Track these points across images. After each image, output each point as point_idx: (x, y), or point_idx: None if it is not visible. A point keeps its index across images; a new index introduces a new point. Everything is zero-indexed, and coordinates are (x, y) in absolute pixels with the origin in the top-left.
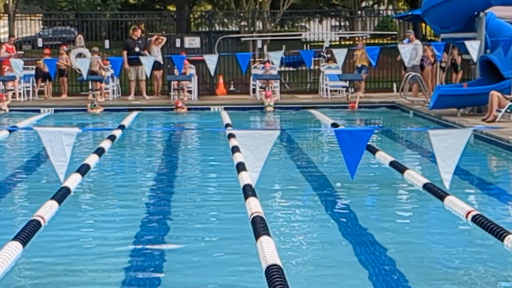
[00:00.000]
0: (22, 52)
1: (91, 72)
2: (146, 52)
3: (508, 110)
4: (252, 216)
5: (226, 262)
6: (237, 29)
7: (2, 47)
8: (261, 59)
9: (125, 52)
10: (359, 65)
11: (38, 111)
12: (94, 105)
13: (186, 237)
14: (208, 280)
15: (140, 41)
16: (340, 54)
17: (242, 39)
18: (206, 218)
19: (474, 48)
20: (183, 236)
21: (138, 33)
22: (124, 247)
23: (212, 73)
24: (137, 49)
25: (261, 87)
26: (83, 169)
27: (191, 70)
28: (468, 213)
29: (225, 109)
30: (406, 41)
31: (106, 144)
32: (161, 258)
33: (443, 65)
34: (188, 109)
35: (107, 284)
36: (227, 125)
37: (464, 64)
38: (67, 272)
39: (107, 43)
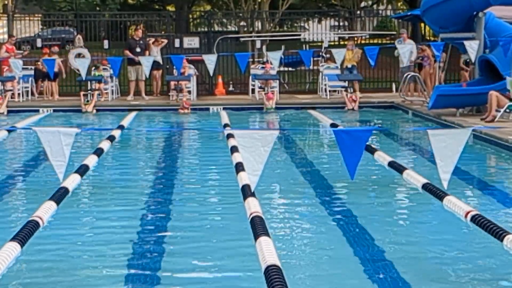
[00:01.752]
0: (26, 52)
1: (42, 73)
2: (147, 53)
3: (507, 110)
4: (251, 216)
5: (225, 262)
6: (236, 29)
7: (2, 47)
8: (260, 59)
9: (127, 51)
10: (349, 66)
11: (37, 111)
12: (88, 101)
13: (185, 237)
14: (207, 281)
15: (141, 41)
16: (339, 54)
17: (241, 39)
18: (205, 218)
19: (473, 48)
20: (182, 236)
21: (140, 33)
22: (123, 247)
23: (211, 73)
24: (138, 49)
25: (260, 87)
26: (82, 170)
27: (190, 70)
28: (467, 213)
29: (224, 109)
30: (399, 41)
31: (105, 145)
32: (159, 258)
33: (441, 64)
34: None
35: (106, 284)
36: (225, 125)
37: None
38: (65, 272)
39: (106, 43)
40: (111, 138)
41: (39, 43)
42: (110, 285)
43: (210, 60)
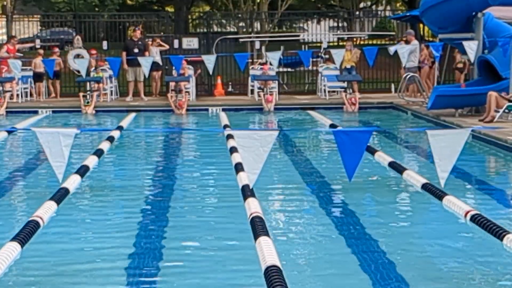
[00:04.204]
0: (29, 44)
1: (35, 74)
2: (146, 54)
3: (506, 111)
4: (251, 217)
5: (225, 263)
6: (235, 30)
7: (3, 47)
8: (259, 60)
9: (124, 53)
10: (348, 66)
11: (36, 112)
12: (88, 102)
13: (185, 238)
14: (207, 281)
15: (140, 42)
16: (338, 55)
17: (240, 40)
18: (205, 218)
19: (472, 48)
20: (181, 237)
21: (138, 34)
22: (123, 248)
23: (211, 73)
24: (136, 50)
25: (259, 88)
26: (82, 170)
27: (190, 71)
28: (467, 212)
29: (223, 110)
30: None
31: (104, 145)
32: (159, 259)
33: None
34: (186, 110)
35: (106, 284)
36: (225, 126)
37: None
38: (65, 272)
39: (105, 44)
40: (111, 139)
41: (38, 44)
42: (110, 284)
43: (209, 61)
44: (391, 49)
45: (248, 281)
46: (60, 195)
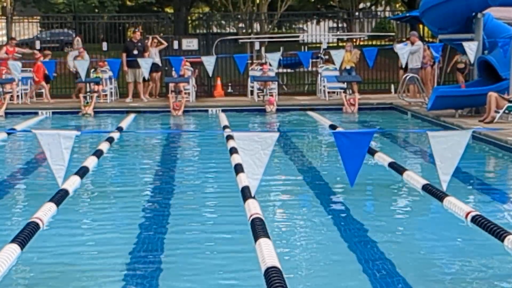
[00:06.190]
0: (27, 50)
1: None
2: (146, 55)
3: (506, 111)
4: (251, 218)
5: (225, 264)
6: (235, 31)
7: (3, 48)
8: (259, 61)
9: (123, 55)
10: (348, 67)
11: (36, 113)
12: (87, 103)
13: (185, 239)
14: (207, 283)
15: (140, 44)
16: (337, 56)
17: (240, 41)
18: (204, 220)
19: (471, 49)
20: (181, 238)
21: (138, 35)
22: (122, 250)
23: (210, 75)
24: (135, 52)
25: (258, 89)
26: (82, 172)
27: (189, 72)
28: (468, 213)
29: (223, 111)
30: (404, 45)
31: (104, 146)
32: (159, 260)
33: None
34: (186, 111)
35: (105, 286)
36: (225, 127)
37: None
38: (65, 274)
39: (104, 45)
40: (110, 140)
41: (37, 45)
42: (110, 285)
43: (209, 62)
44: (397, 47)
45: (248, 282)
46: (60, 197)
